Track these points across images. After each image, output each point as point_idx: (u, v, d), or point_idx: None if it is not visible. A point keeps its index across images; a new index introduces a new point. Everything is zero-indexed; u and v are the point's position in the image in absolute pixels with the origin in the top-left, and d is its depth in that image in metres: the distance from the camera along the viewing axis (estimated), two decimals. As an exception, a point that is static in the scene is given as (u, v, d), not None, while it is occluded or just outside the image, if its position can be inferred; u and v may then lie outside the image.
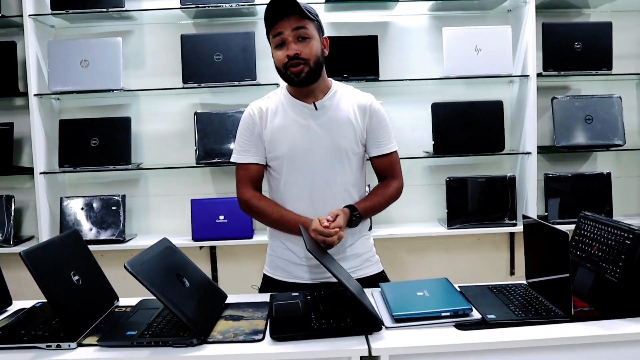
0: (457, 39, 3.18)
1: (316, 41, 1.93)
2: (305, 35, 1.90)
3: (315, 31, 1.94)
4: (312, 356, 1.47)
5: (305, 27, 1.89)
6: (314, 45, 1.92)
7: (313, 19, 1.93)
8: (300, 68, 1.90)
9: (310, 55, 1.90)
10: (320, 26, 1.98)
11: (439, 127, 3.23)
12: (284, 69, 1.92)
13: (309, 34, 1.90)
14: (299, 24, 1.88)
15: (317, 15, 1.96)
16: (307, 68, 1.91)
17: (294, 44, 1.89)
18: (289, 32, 1.88)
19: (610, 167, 3.39)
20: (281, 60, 1.91)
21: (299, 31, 1.89)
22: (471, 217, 3.24)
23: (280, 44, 1.91)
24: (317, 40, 1.94)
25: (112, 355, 1.47)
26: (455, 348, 1.49)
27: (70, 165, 3.20)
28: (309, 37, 1.90)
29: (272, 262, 2.10)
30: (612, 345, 1.52)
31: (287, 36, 1.89)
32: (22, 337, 1.55)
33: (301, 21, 1.89)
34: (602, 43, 3.24)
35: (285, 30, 1.88)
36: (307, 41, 1.90)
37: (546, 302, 1.69)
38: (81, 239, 1.85)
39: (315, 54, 1.92)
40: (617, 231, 1.67)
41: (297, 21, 1.88)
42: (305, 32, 1.90)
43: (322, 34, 1.98)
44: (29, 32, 3.10)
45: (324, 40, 1.98)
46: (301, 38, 1.89)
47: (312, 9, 1.94)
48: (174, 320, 1.61)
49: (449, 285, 1.81)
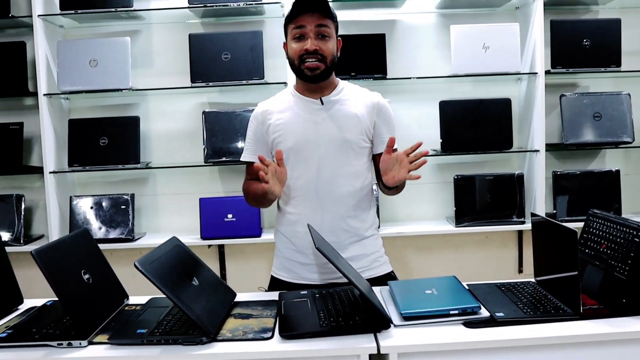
0: (465, 36, 3.17)
1: (334, 41, 1.99)
2: (326, 33, 1.95)
3: (334, 32, 1.99)
4: (321, 354, 1.47)
5: (327, 25, 1.95)
6: (332, 45, 1.98)
7: (334, 20, 1.99)
8: (317, 65, 1.95)
9: (328, 54, 1.96)
10: (337, 28, 2.03)
11: (447, 125, 3.22)
12: (299, 62, 1.96)
13: (329, 33, 1.96)
14: (322, 21, 1.94)
15: (336, 18, 2.01)
16: (324, 66, 1.96)
17: (315, 39, 1.94)
18: (311, 27, 1.93)
19: (619, 165, 3.38)
20: (297, 52, 1.95)
21: (321, 29, 1.94)
22: (479, 215, 3.23)
23: (299, 37, 1.95)
24: (335, 41, 2.00)
25: (122, 353, 1.49)
26: (463, 346, 1.49)
27: (79, 164, 3.22)
28: (329, 36, 1.96)
29: (280, 263, 2.12)
30: (621, 344, 1.52)
31: (308, 31, 1.93)
32: (33, 335, 1.57)
33: (325, 19, 1.94)
34: (611, 40, 3.22)
35: (308, 25, 1.93)
36: (326, 39, 1.96)
37: (555, 300, 1.69)
38: (91, 237, 1.87)
39: (332, 53, 1.98)
40: (626, 229, 1.66)
41: (321, 18, 1.93)
42: (326, 30, 1.95)
43: (337, 35, 2.03)
44: (39, 32, 3.12)
45: (338, 42, 2.03)
46: (321, 36, 1.95)
47: (334, 11, 1.99)
48: (184, 318, 1.62)
49: (458, 284, 1.81)
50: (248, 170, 2.14)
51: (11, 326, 1.65)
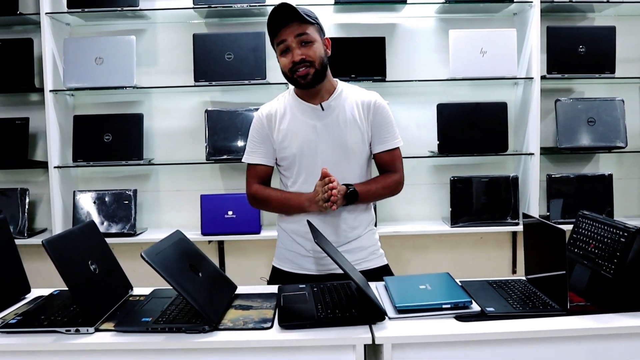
0: (463, 41, 3.24)
1: (319, 43, 2.01)
2: (307, 40, 1.98)
3: (317, 34, 2.02)
4: (319, 343, 1.53)
5: (306, 32, 1.98)
6: (317, 48, 2.00)
7: (313, 22, 2.01)
8: (306, 71, 1.98)
9: (314, 57, 1.99)
10: (321, 28, 2.06)
11: (444, 127, 3.28)
12: (291, 74, 2.01)
13: (311, 38, 1.99)
14: (300, 30, 1.97)
15: (317, 18, 2.04)
16: (313, 70, 1.99)
17: (298, 49, 1.97)
18: (292, 39, 1.97)
19: (612, 169, 3.44)
20: (287, 66, 2.00)
21: (301, 37, 1.97)
22: (474, 216, 3.29)
23: (285, 51, 2.00)
24: (320, 43, 2.02)
25: (128, 339, 1.54)
26: (455, 338, 1.55)
27: (83, 159, 3.28)
28: (312, 40, 1.99)
29: (281, 254, 2.18)
30: (606, 338, 1.57)
31: (290, 43, 1.97)
32: (42, 322, 1.62)
33: (302, 27, 1.97)
34: (606, 47, 3.28)
35: (288, 37, 1.97)
36: (310, 45, 1.98)
37: (543, 297, 1.74)
38: (97, 230, 1.92)
39: (319, 56, 2.00)
40: (613, 229, 1.72)
41: (298, 27, 1.97)
42: (307, 37, 1.98)
43: (324, 35, 2.06)
44: (46, 29, 3.18)
45: (325, 41, 2.06)
46: (304, 43, 1.97)
47: (311, 13, 2.02)
48: (187, 308, 1.68)
49: (450, 280, 1.87)
50: (251, 173, 2.15)
51: (20, 313, 1.70)
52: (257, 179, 2.13)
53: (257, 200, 2.15)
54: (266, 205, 2.16)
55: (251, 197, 2.15)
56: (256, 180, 2.13)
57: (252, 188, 2.14)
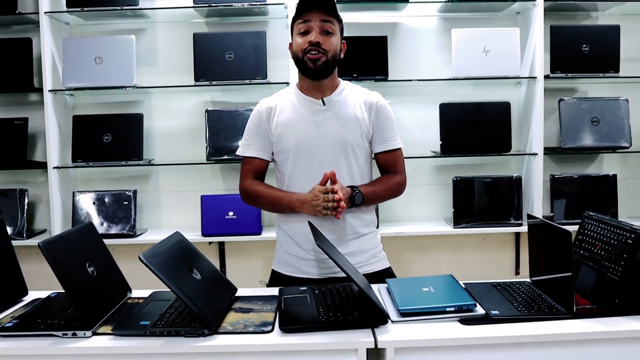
0: (465, 40, 3.21)
1: (337, 39, 2.04)
2: (329, 30, 2.01)
3: (339, 32, 2.05)
4: (320, 347, 1.50)
5: (331, 22, 2.01)
6: (335, 42, 2.03)
7: (339, 20, 2.05)
8: (319, 56, 2.00)
9: (330, 49, 2.01)
10: (342, 30, 2.09)
11: (447, 127, 3.26)
12: (302, 55, 2.01)
13: (333, 30, 2.02)
14: (327, 17, 2.00)
15: (342, 21, 2.08)
16: (325, 59, 2.01)
17: (319, 34, 2.00)
18: (316, 22, 2.00)
19: (616, 169, 3.42)
20: (301, 45, 2.01)
21: (326, 24, 2.00)
22: (477, 217, 3.27)
23: (304, 32, 2.01)
24: (338, 39, 2.05)
25: (126, 343, 1.52)
26: (459, 342, 1.52)
27: (83, 160, 3.26)
28: (333, 32, 2.02)
29: (281, 257, 2.15)
30: (613, 342, 1.55)
31: (313, 25, 2.00)
32: (38, 325, 1.60)
33: (329, 16, 2.01)
34: (610, 46, 3.26)
35: (313, 20, 2.00)
36: (330, 36, 2.02)
37: (549, 300, 1.72)
38: (96, 231, 1.90)
39: (335, 49, 2.03)
40: (619, 231, 1.70)
41: (326, 15, 2.00)
42: (330, 26, 2.01)
43: (342, 38, 2.09)
44: (45, 29, 3.15)
45: (342, 44, 2.09)
46: (325, 32, 2.01)
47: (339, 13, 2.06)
48: (186, 311, 1.65)
49: (454, 282, 1.85)
50: (246, 167, 2.13)
51: (17, 316, 1.68)
52: (252, 174, 2.12)
53: (248, 196, 2.13)
54: (257, 201, 2.13)
55: (243, 192, 2.14)
56: (250, 175, 2.12)
57: (245, 183, 2.13)
